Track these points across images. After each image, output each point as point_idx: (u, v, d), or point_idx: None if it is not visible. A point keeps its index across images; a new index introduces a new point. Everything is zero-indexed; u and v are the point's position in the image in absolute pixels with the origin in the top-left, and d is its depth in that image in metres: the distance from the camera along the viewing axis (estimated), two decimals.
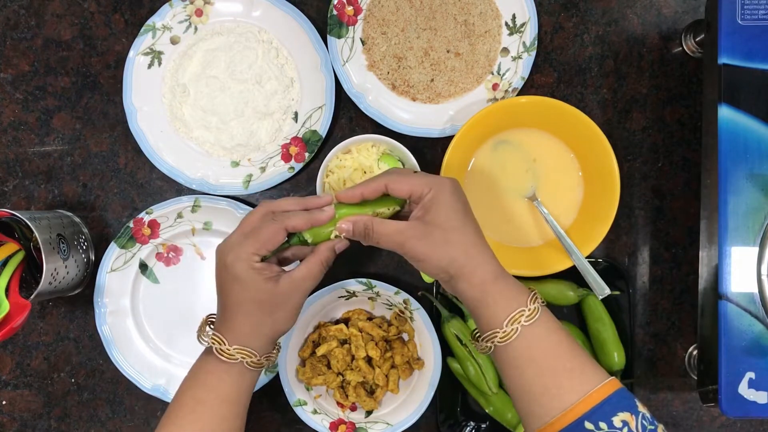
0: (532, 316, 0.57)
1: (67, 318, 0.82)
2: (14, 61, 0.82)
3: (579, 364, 0.57)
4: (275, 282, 0.61)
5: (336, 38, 0.79)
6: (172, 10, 0.80)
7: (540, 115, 0.75)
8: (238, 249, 0.61)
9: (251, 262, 0.60)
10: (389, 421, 0.78)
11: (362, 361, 0.77)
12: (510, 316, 0.57)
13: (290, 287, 0.62)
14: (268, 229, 0.61)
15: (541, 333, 0.58)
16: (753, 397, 0.66)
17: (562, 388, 0.56)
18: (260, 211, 0.63)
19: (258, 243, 0.61)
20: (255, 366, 0.62)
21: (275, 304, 0.61)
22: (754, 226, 0.67)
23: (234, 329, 0.61)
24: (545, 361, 0.57)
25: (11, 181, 0.83)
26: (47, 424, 0.83)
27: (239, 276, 0.60)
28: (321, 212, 0.63)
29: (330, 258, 0.64)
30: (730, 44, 0.68)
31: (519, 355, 0.58)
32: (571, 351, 0.58)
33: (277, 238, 0.61)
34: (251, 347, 0.61)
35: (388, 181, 0.61)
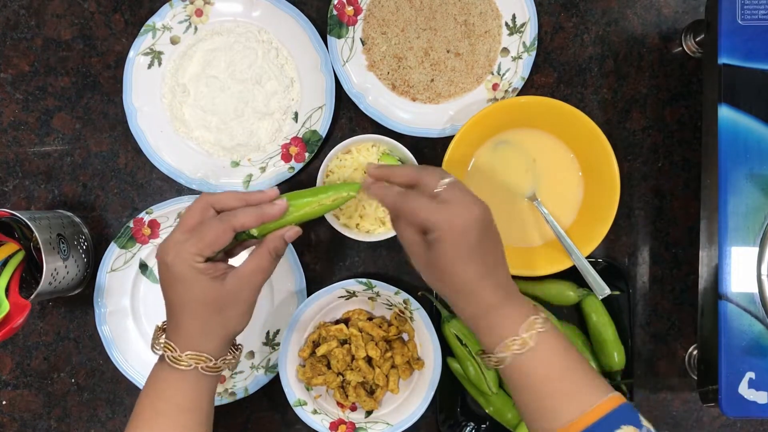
0: (523, 345, 0.57)
1: (67, 318, 0.82)
2: (14, 61, 0.82)
3: (577, 386, 0.57)
4: (222, 281, 0.58)
5: (336, 38, 0.79)
6: (172, 10, 0.80)
7: (540, 115, 0.75)
8: (179, 248, 0.57)
9: (193, 263, 0.57)
10: (389, 421, 0.78)
11: (362, 361, 0.77)
12: (500, 344, 0.57)
13: (238, 284, 0.59)
14: (214, 229, 0.58)
15: (537, 359, 0.57)
16: (753, 397, 0.66)
17: (558, 410, 0.56)
18: (199, 206, 0.59)
19: (202, 243, 0.57)
20: (211, 371, 0.60)
21: (224, 303, 0.58)
22: (754, 226, 0.67)
23: (183, 333, 0.59)
24: (540, 385, 0.57)
25: (11, 181, 0.83)
26: (47, 424, 0.83)
27: (181, 277, 0.57)
28: (271, 206, 0.60)
29: (280, 248, 0.61)
30: (730, 44, 0.68)
31: (515, 379, 0.58)
32: (571, 373, 0.58)
33: (223, 239, 0.58)
34: (204, 351, 0.59)
35: (399, 209, 0.59)
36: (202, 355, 0.59)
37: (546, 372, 0.57)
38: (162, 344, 0.60)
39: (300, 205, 0.61)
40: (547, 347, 0.57)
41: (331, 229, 0.77)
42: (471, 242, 0.57)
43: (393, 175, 0.62)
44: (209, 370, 0.60)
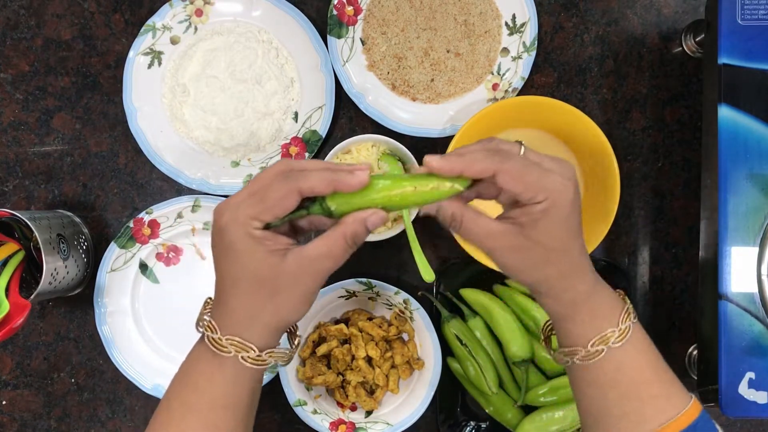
0: (622, 337, 0.51)
1: (67, 318, 0.82)
2: (14, 61, 0.82)
3: (665, 388, 0.52)
4: (281, 257, 0.48)
5: (336, 38, 0.79)
6: (172, 10, 0.80)
7: (540, 115, 0.75)
8: (236, 209, 0.48)
9: (249, 228, 0.48)
10: (389, 421, 0.78)
11: (362, 361, 0.77)
12: (598, 336, 0.51)
13: (299, 266, 0.49)
14: (278, 189, 0.47)
15: (630, 354, 0.52)
16: (753, 397, 0.66)
17: (645, 414, 0.51)
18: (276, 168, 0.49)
19: (262, 205, 0.48)
20: (254, 363, 0.50)
21: (278, 285, 0.49)
22: (754, 226, 0.67)
23: (228, 314, 0.50)
24: (630, 385, 0.52)
25: (11, 181, 0.83)
26: (47, 424, 0.83)
27: (234, 244, 0.48)
28: (350, 174, 0.48)
29: (359, 233, 0.49)
30: (730, 44, 0.68)
31: (602, 375, 0.52)
32: (658, 374, 0.53)
33: (287, 201, 0.48)
34: (248, 339, 0.50)
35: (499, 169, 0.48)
36: (244, 343, 0.50)
37: (638, 370, 0.52)
38: (206, 322, 0.51)
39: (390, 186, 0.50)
40: (639, 342, 0.52)
41: None
42: (578, 214, 0.50)
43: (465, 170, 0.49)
44: (252, 362, 0.50)
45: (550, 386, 0.77)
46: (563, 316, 0.52)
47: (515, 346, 0.76)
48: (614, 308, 0.52)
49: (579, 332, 0.52)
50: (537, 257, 0.50)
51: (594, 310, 0.51)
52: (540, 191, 0.48)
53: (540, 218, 0.48)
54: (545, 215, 0.48)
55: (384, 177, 0.50)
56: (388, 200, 0.50)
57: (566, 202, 0.48)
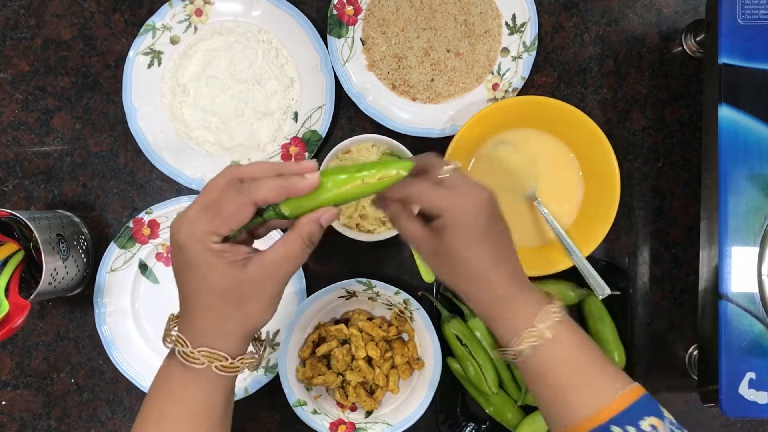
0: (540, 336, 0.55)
1: (67, 318, 0.82)
2: (14, 61, 0.82)
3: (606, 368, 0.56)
4: (242, 267, 0.50)
5: (336, 38, 0.79)
6: (171, 10, 0.80)
7: (540, 115, 0.75)
8: (191, 225, 0.49)
9: (207, 243, 0.49)
10: (389, 421, 0.78)
11: (362, 362, 0.77)
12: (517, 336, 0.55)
13: (262, 273, 0.50)
14: (231, 202, 0.49)
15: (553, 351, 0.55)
16: (753, 397, 0.66)
17: (587, 395, 0.54)
18: (224, 178, 0.50)
19: (218, 220, 0.49)
20: (227, 371, 0.52)
21: (243, 294, 0.50)
22: (754, 226, 0.67)
23: (196, 327, 0.51)
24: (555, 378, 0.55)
25: (11, 181, 0.83)
26: (47, 424, 0.83)
27: (193, 260, 0.49)
28: (300, 179, 0.50)
29: (314, 233, 0.51)
30: (730, 44, 0.68)
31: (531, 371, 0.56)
32: (597, 354, 0.56)
33: (242, 214, 0.49)
34: (220, 348, 0.51)
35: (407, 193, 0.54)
36: (216, 353, 0.51)
37: (564, 364, 0.55)
38: (174, 337, 0.52)
39: (339, 182, 0.51)
40: (564, 338, 0.55)
41: (331, 228, 0.77)
42: (482, 226, 0.53)
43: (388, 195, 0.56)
44: (225, 369, 0.52)
45: None
46: (485, 318, 0.57)
47: None
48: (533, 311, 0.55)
49: (501, 334, 0.56)
50: (445, 263, 0.55)
51: (507, 317, 0.56)
52: (436, 209, 0.53)
53: (444, 229, 0.53)
54: (445, 229, 0.53)
55: (332, 172, 0.52)
56: (340, 197, 0.52)
57: (464, 217, 0.53)
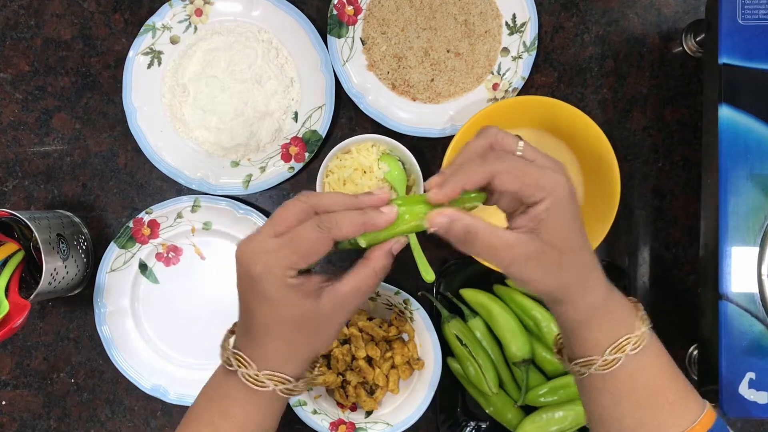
0: (639, 344, 0.50)
1: (67, 318, 0.82)
2: (14, 61, 0.82)
3: (681, 396, 0.52)
4: (315, 299, 0.49)
5: (336, 38, 0.79)
6: (171, 10, 0.80)
7: (540, 115, 0.75)
8: (269, 258, 0.47)
9: (285, 278, 0.48)
10: (389, 421, 0.78)
11: (362, 362, 0.77)
12: (614, 344, 0.50)
13: (334, 305, 0.49)
14: (312, 238, 0.47)
15: (645, 362, 0.51)
16: (753, 397, 0.66)
17: (662, 423, 0.51)
18: (298, 206, 0.49)
19: (296, 255, 0.47)
20: (290, 393, 0.51)
21: (316, 326, 0.50)
22: (754, 226, 0.67)
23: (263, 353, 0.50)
24: (646, 394, 0.51)
25: (11, 181, 0.83)
26: (47, 424, 0.83)
27: (270, 293, 0.48)
28: (379, 214, 0.49)
29: (387, 266, 0.51)
30: (731, 44, 0.68)
31: (617, 384, 0.51)
32: (673, 381, 0.52)
33: (322, 250, 0.48)
34: (286, 372, 0.50)
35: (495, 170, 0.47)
36: (283, 377, 0.50)
37: (653, 378, 0.51)
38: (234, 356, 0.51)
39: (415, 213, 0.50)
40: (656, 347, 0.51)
41: None
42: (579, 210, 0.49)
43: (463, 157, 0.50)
44: (288, 392, 0.51)
45: (550, 386, 0.77)
46: (580, 323, 0.51)
47: (515, 347, 0.76)
48: (629, 313, 0.51)
49: (596, 339, 0.50)
50: (552, 262, 0.48)
51: (611, 316, 0.50)
52: (538, 189, 0.47)
53: (545, 218, 0.47)
54: (549, 214, 0.47)
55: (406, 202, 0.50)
56: (416, 228, 0.51)
57: (564, 198, 0.47)
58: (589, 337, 0.51)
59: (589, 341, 0.51)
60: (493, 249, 0.48)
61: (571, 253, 0.49)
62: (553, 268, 0.49)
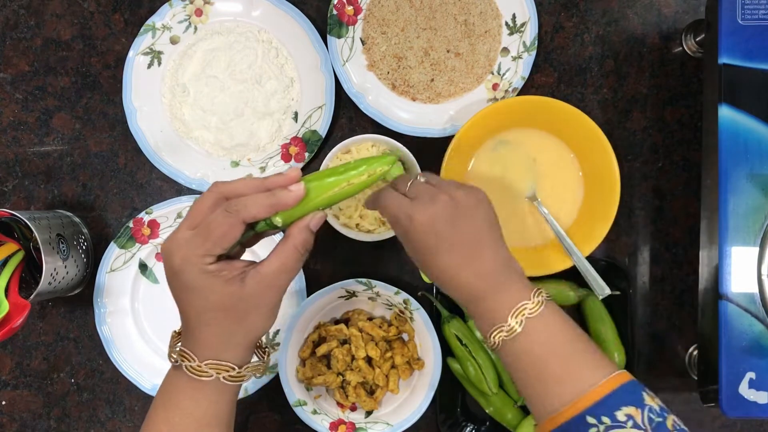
0: (536, 309, 0.56)
1: (67, 318, 0.82)
2: (14, 61, 0.82)
3: (585, 357, 0.56)
4: (239, 282, 0.51)
5: (336, 38, 0.79)
6: (171, 10, 0.80)
7: (540, 115, 0.75)
8: (186, 249, 0.50)
9: (203, 265, 0.50)
10: (389, 421, 0.78)
11: (362, 362, 0.77)
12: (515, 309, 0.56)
13: (260, 287, 0.52)
14: (221, 223, 0.50)
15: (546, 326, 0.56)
16: (753, 397, 0.66)
17: (565, 383, 0.54)
18: (210, 197, 0.52)
19: (209, 242, 0.50)
20: (234, 380, 0.54)
21: (244, 308, 0.52)
22: (754, 226, 0.67)
23: (201, 343, 0.53)
24: (550, 356, 0.55)
25: (11, 181, 0.83)
26: (47, 424, 0.83)
27: (192, 283, 0.51)
28: (287, 193, 0.52)
29: (307, 240, 0.53)
30: (731, 44, 0.68)
31: (522, 349, 0.56)
32: (578, 344, 0.56)
33: (232, 234, 0.50)
34: (226, 360, 0.53)
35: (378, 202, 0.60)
36: (223, 364, 0.53)
37: (536, 356, 0.55)
38: (177, 352, 0.54)
39: (326, 186, 0.53)
40: (539, 331, 0.56)
41: (331, 229, 0.77)
42: (437, 235, 0.56)
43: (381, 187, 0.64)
44: (232, 379, 0.54)
45: None
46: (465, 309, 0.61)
47: None
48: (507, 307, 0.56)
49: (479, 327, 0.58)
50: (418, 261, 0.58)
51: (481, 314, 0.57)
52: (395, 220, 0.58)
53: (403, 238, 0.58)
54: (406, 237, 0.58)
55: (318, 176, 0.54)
56: (329, 200, 0.54)
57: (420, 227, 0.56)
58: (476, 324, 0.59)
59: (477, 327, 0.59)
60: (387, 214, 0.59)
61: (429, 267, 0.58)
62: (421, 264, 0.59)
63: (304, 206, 0.52)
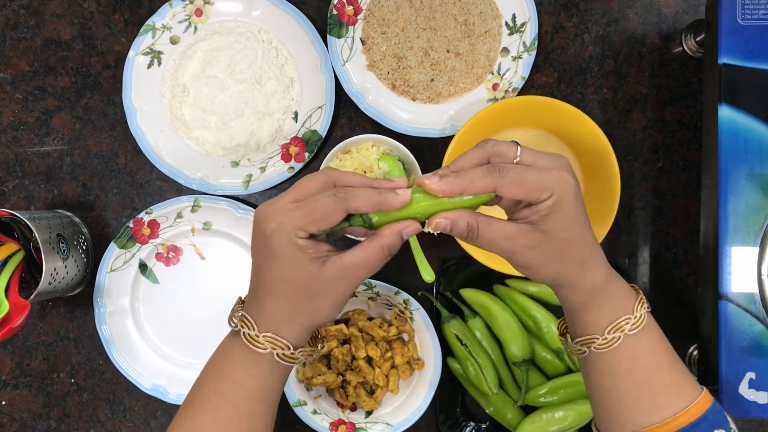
0: (637, 324, 0.53)
1: (67, 318, 0.82)
2: (14, 61, 0.82)
3: (677, 380, 0.54)
4: (320, 264, 0.51)
5: (336, 38, 0.79)
6: (171, 10, 0.80)
7: (540, 115, 0.75)
8: (283, 218, 0.50)
9: (295, 237, 0.50)
10: (389, 421, 0.78)
11: (362, 362, 0.77)
12: (614, 323, 0.53)
13: (338, 273, 0.52)
14: (326, 205, 0.50)
15: (643, 343, 0.54)
16: (753, 397, 0.66)
17: (657, 404, 0.53)
18: (320, 179, 0.52)
19: (309, 218, 0.50)
20: (287, 360, 0.53)
21: (317, 290, 0.52)
22: (754, 226, 0.67)
23: (265, 313, 0.52)
24: (644, 374, 0.53)
25: (11, 181, 0.83)
26: (47, 424, 0.83)
27: (278, 251, 0.51)
28: (394, 195, 0.52)
29: (395, 245, 0.53)
30: (731, 44, 0.68)
31: (616, 364, 0.53)
32: (671, 364, 0.55)
33: (334, 217, 0.51)
34: (284, 337, 0.52)
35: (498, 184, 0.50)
36: (280, 341, 0.52)
37: (651, 359, 0.53)
38: (240, 318, 0.53)
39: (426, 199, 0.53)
40: (654, 331, 0.54)
41: None
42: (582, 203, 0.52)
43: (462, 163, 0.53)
44: (285, 359, 0.53)
45: (550, 386, 0.77)
46: (581, 306, 0.54)
47: (515, 346, 0.76)
48: (629, 297, 0.54)
49: (595, 319, 0.53)
50: (554, 251, 0.51)
51: (610, 298, 0.53)
52: (542, 191, 0.50)
53: (549, 213, 0.50)
54: (553, 210, 0.50)
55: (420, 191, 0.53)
56: (425, 210, 0.53)
57: (569, 194, 0.50)
58: (589, 318, 0.53)
59: (590, 322, 0.54)
60: (494, 242, 0.51)
61: (573, 244, 0.51)
62: (555, 257, 0.51)
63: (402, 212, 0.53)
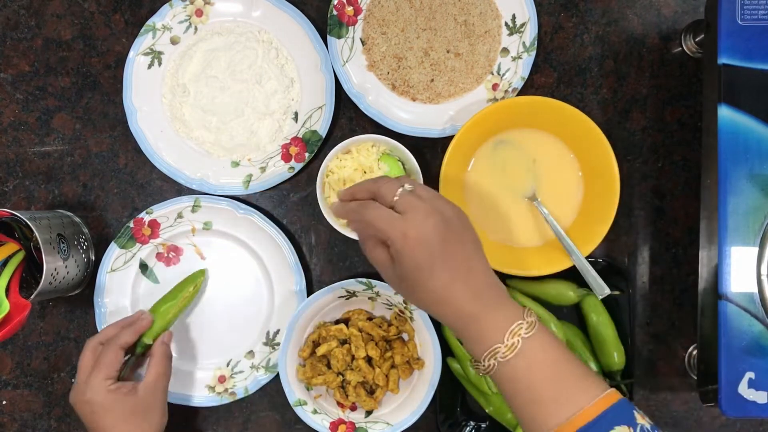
0: (530, 329, 0.56)
1: (67, 318, 0.83)
2: (14, 61, 0.82)
3: (577, 377, 0.56)
4: (134, 394, 0.70)
5: (336, 38, 0.79)
6: (172, 10, 0.80)
7: (540, 115, 0.75)
8: (91, 383, 0.69)
9: (106, 388, 0.69)
10: (389, 421, 0.78)
11: (362, 361, 0.77)
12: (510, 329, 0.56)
13: (148, 391, 0.71)
14: (107, 355, 0.70)
15: (541, 345, 0.56)
16: (753, 397, 0.66)
17: (559, 403, 0.55)
18: (89, 348, 0.71)
19: (104, 369, 0.69)
20: None
21: (144, 410, 0.70)
22: (754, 226, 0.67)
23: None
24: (545, 376, 0.56)
25: (11, 181, 0.83)
26: (47, 424, 0.83)
27: (102, 404, 0.68)
28: (141, 320, 0.75)
29: (166, 350, 0.74)
30: (730, 44, 0.68)
31: (516, 371, 0.56)
32: (570, 363, 0.57)
33: (118, 358, 0.70)
34: None
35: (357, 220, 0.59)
36: None
37: (532, 378, 0.56)
38: None
39: (167, 310, 0.77)
40: (534, 353, 0.56)
41: (331, 229, 0.77)
42: (431, 251, 0.55)
43: (356, 191, 0.61)
44: None
45: None
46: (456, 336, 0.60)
47: None
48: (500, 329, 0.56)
49: (471, 350, 0.58)
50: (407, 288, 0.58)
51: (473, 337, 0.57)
52: (386, 238, 0.57)
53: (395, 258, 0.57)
54: (397, 255, 0.56)
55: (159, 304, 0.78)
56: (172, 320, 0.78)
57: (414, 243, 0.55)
58: (467, 347, 0.58)
59: (468, 350, 0.59)
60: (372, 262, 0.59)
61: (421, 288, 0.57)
62: (411, 294, 0.58)
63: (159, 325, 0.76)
